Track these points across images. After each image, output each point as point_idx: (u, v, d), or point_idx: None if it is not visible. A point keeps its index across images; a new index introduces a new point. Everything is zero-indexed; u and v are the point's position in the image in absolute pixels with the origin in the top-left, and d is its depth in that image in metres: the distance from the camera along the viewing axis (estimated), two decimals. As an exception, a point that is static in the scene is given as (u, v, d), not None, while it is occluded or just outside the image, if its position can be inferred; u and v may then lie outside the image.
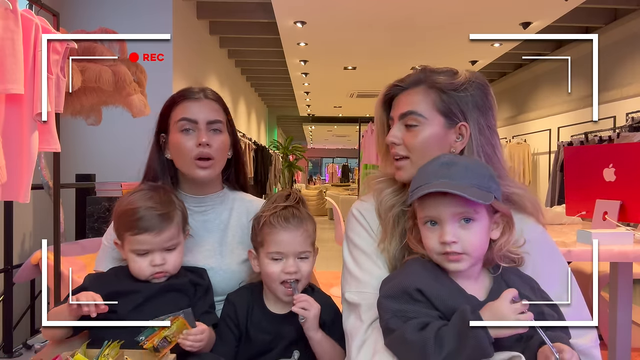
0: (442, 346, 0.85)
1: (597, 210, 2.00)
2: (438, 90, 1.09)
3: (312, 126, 17.71)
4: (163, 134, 1.34)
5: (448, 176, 0.93)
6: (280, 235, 1.18)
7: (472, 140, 1.09)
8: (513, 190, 1.10)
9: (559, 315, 0.95)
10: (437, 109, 1.09)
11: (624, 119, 5.14)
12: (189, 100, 1.30)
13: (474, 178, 0.93)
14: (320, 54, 7.20)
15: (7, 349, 2.78)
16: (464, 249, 0.92)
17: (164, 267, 1.17)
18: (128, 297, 1.14)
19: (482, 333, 0.82)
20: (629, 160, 1.92)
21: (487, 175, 0.95)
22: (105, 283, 1.16)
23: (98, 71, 2.45)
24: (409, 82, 1.13)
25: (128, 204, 1.18)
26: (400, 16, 5.45)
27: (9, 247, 2.81)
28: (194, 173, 1.29)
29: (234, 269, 1.30)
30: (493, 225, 0.97)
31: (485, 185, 0.93)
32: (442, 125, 1.09)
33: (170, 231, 1.17)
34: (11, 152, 1.75)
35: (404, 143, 1.10)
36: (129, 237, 1.16)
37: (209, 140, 1.27)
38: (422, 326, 0.88)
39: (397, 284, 0.95)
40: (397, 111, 1.12)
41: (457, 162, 0.96)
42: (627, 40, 5.71)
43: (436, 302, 0.91)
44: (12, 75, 1.64)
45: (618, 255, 1.71)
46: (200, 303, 1.20)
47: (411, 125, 1.09)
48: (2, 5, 1.63)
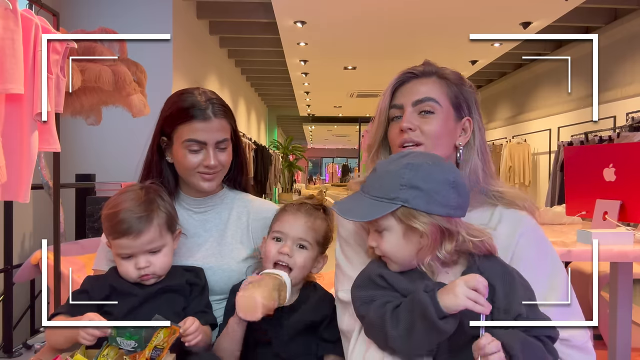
0: (398, 323, 0.89)
1: (597, 210, 2.00)
2: (448, 82, 1.11)
3: (312, 126, 17.71)
4: (164, 137, 1.31)
5: (365, 185, 1.00)
6: (286, 217, 1.23)
7: (474, 135, 1.13)
8: (501, 189, 1.14)
9: (532, 313, 0.94)
10: (449, 99, 1.11)
11: (624, 119, 5.13)
12: (198, 121, 1.24)
13: (380, 189, 0.96)
14: (320, 54, 7.20)
15: (7, 349, 2.78)
16: (381, 253, 0.98)
17: (150, 269, 1.15)
18: (125, 300, 1.14)
19: (430, 308, 0.84)
20: (629, 160, 1.92)
21: (396, 184, 0.94)
22: (104, 285, 1.16)
23: (98, 71, 2.45)
24: (421, 71, 1.13)
25: (111, 207, 1.16)
26: (401, 16, 5.44)
27: (9, 247, 2.81)
28: (198, 185, 1.29)
29: (234, 268, 1.30)
30: (416, 233, 0.94)
31: (389, 195, 0.93)
32: (452, 117, 1.11)
33: (150, 234, 1.15)
34: (11, 152, 1.74)
35: (420, 130, 1.09)
36: (112, 240, 1.15)
37: (216, 160, 1.26)
38: (382, 306, 0.93)
39: (362, 274, 1.02)
40: (409, 98, 1.11)
41: (378, 169, 0.99)
42: (627, 40, 5.70)
43: (397, 287, 0.95)
44: (12, 75, 1.64)
45: (618, 255, 1.70)
46: (195, 302, 1.20)
47: (427, 112, 1.09)
48: (2, 5, 1.63)
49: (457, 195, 0.95)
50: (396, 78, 1.14)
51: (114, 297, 1.14)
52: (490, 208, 1.13)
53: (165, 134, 1.30)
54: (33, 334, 3.22)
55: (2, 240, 2.84)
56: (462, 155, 1.13)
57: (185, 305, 1.18)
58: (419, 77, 1.12)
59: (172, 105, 1.29)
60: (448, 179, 0.94)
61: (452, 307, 0.83)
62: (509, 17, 5.37)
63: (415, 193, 0.92)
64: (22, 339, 3.00)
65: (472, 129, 1.13)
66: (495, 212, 1.13)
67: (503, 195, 1.13)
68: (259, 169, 8.83)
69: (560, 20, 5.39)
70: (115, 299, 1.13)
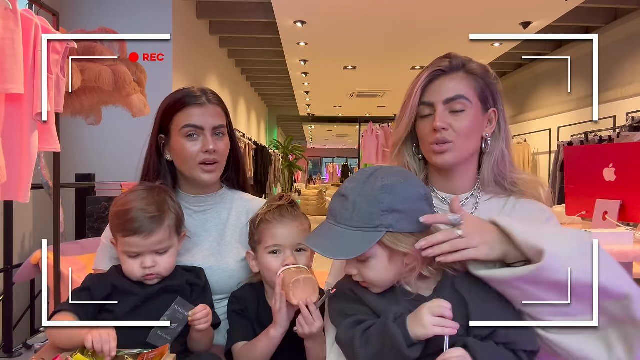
0: (367, 345, 0.89)
1: (597, 210, 2.00)
2: (475, 75, 1.12)
3: (312, 126, 17.71)
4: (162, 135, 1.33)
5: (336, 215, 0.94)
6: (276, 228, 1.21)
7: (500, 125, 1.15)
8: (520, 177, 1.15)
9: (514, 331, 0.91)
10: (477, 94, 1.11)
11: (624, 119, 5.13)
12: (193, 107, 1.28)
13: (359, 219, 0.91)
14: (320, 54, 7.20)
15: (7, 349, 2.78)
16: (363, 280, 0.95)
17: (155, 269, 1.16)
18: (126, 299, 1.14)
19: (400, 339, 0.84)
20: (629, 160, 1.92)
21: (376, 210, 0.90)
22: (106, 283, 1.16)
23: (98, 71, 2.45)
24: (448, 67, 1.12)
25: (121, 205, 1.17)
26: (400, 16, 5.45)
27: (9, 247, 2.81)
28: (199, 177, 1.29)
29: (233, 268, 1.30)
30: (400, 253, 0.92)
31: (371, 224, 0.90)
32: (480, 110, 1.12)
33: (160, 234, 1.16)
34: (11, 152, 1.74)
35: (452, 128, 1.09)
36: (120, 238, 1.16)
37: (215, 146, 1.27)
38: (352, 326, 0.93)
39: (338, 284, 1.02)
40: (440, 96, 1.10)
41: (349, 196, 0.93)
42: (627, 40, 5.71)
43: (367, 302, 0.95)
44: (11, 75, 1.64)
45: (618, 255, 1.70)
46: (198, 303, 1.19)
47: (458, 110, 1.09)
48: (2, 5, 1.63)
49: (429, 207, 0.96)
50: (425, 76, 1.13)
51: (115, 296, 1.14)
52: (505, 198, 1.15)
53: (163, 130, 1.32)
54: (33, 334, 3.22)
55: (2, 240, 2.84)
56: (488, 146, 1.14)
57: None
58: (447, 73, 1.12)
59: (167, 100, 1.33)
60: (420, 193, 0.95)
61: (421, 336, 0.84)
62: (509, 17, 5.37)
63: (397, 216, 0.91)
64: (22, 339, 3.00)
65: (497, 119, 1.14)
66: (508, 202, 1.14)
67: (518, 184, 1.14)
68: (259, 169, 8.83)
69: (560, 20, 5.39)
70: (116, 297, 1.13)
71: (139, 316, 1.10)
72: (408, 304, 0.92)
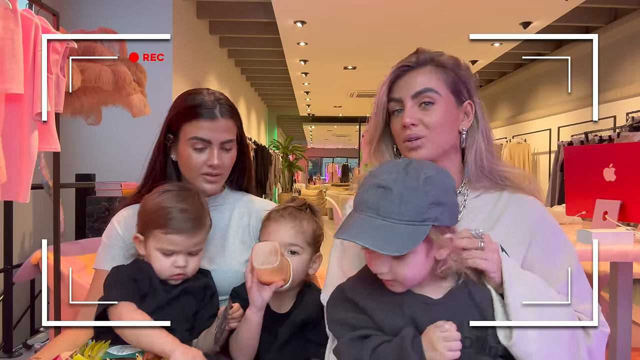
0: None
1: (597, 210, 2.00)
2: (445, 68, 1.10)
3: (312, 126, 17.71)
4: (170, 134, 1.31)
5: (377, 207, 0.87)
6: (271, 226, 1.22)
7: (478, 118, 1.13)
8: (504, 169, 1.13)
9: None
10: (448, 86, 1.09)
11: (624, 119, 5.14)
12: (204, 120, 1.24)
13: (407, 212, 0.86)
14: (320, 53, 7.20)
15: (7, 349, 2.78)
16: (394, 277, 0.90)
17: (185, 269, 1.17)
18: (153, 297, 1.13)
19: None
20: (629, 160, 1.92)
21: (425, 203, 0.86)
22: (145, 277, 1.15)
23: (98, 71, 2.45)
24: (415, 62, 1.11)
25: (161, 202, 1.16)
26: (401, 16, 5.45)
27: (9, 247, 2.81)
28: (201, 186, 1.29)
29: (237, 269, 1.30)
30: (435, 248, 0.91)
31: (420, 217, 0.86)
32: (453, 103, 1.10)
33: (200, 236, 1.18)
34: (11, 152, 1.74)
35: (422, 123, 1.07)
36: (160, 234, 1.14)
37: (220, 161, 1.26)
38: (355, 341, 0.90)
39: (338, 289, 0.99)
40: (408, 91, 1.09)
41: (393, 188, 0.87)
42: (627, 40, 5.70)
43: (373, 316, 0.92)
44: (11, 75, 1.64)
45: (618, 255, 1.70)
46: (206, 308, 1.20)
47: (427, 103, 1.07)
48: (2, 5, 1.63)
49: (456, 198, 0.95)
50: (392, 72, 1.12)
51: (146, 291, 1.13)
52: (497, 192, 1.13)
53: (171, 132, 1.30)
54: (33, 334, 3.22)
55: (2, 240, 2.84)
56: (465, 140, 1.12)
57: (196, 310, 1.18)
58: (414, 68, 1.10)
59: (179, 103, 1.30)
60: (452, 184, 0.93)
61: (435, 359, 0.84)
62: (509, 17, 5.37)
63: (442, 209, 0.88)
64: (22, 339, 3.00)
65: (474, 111, 1.12)
66: (502, 197, 1.12)
67: (509, 177, 1.12)
68: (259, 169, 8.84)
69: (560, 20, 5.39)
70: (143, 296, 1.13)
71: (163, 316, 1.09)
72: (415, 307, 0.91)
